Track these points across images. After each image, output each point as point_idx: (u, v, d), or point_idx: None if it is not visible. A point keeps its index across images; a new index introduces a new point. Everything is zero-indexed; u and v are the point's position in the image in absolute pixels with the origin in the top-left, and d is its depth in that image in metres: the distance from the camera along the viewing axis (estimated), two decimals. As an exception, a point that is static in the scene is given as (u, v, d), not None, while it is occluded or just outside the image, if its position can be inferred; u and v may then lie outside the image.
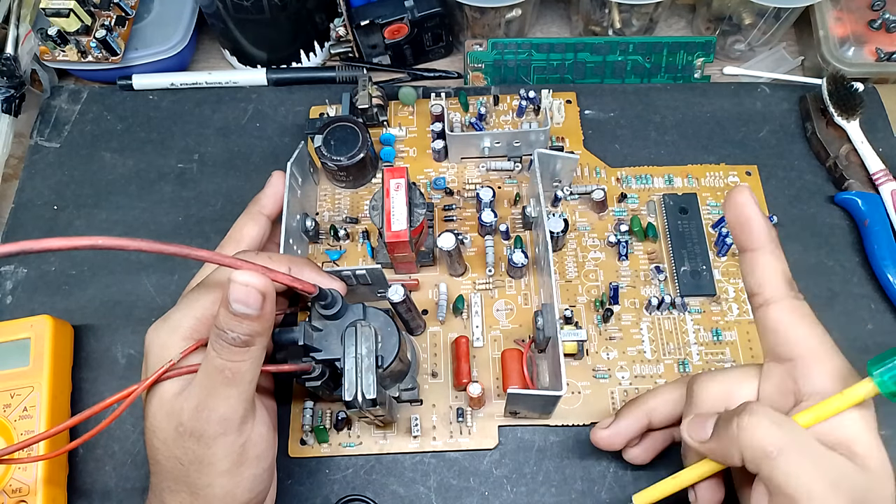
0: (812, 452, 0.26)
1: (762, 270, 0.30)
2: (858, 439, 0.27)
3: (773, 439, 0.26)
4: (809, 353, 0.29)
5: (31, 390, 0.39)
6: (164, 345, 0.30)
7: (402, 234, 0.38)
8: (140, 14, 0.53)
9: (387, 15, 0.49)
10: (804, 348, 0.29)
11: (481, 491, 0.39)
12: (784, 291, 0.30)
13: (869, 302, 0.44)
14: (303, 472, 0.40)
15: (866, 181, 0.46)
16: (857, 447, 0.27)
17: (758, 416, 0.27)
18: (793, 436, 0.26)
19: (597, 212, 0.46)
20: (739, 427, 0.27)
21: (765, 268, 0.30)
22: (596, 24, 0.53)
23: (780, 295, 0.30)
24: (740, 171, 0.47)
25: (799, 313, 0.29)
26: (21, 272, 0.46)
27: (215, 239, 0.40)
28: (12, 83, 0.50)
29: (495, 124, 0.49)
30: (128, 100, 0.52)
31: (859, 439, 0.27)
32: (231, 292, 0.27)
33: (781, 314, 0.29)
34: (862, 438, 0.27)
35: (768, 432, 0.26)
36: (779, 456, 0.26)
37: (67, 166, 0.50)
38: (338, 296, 0.32)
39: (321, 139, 0.44)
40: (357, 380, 0.32)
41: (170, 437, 0.29)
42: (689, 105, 0.50)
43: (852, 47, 0.50)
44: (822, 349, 0.29)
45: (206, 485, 0.29)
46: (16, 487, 0.37)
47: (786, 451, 0.26)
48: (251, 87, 0.52)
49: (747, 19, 0.50)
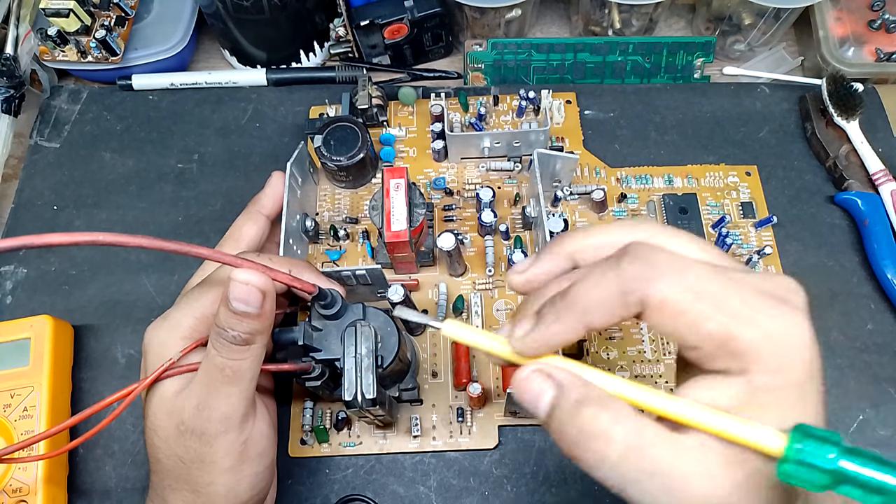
0: (659, 474, 0.20)
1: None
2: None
3: (613, 476, 0.21)
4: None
5: (31, 390, 0.39)
6: (164, 344, 0.30)
7: (401, 234, 0.38)
8: (140, 14, 0.53)
9: (387, 15, 0.49)
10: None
11: (481, 491, 0.39)
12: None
13: (869, 302, 0.44)
14: (303, 472, 0.40)
15: (866, 181, 0.46)
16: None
17: (596, 447, 0.21)
18: (646, 466, 0.21)
19: (597, 212, 0.46)
20: (573, 455, 0.21)
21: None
22: (596, 24, 0.53)
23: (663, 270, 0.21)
24: (740, 171, 0.47)
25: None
26: (21, 272, 0.46)
27: (215, 239, 0.40)
28: (12, 83, 0.50)
29: (495, 124, 0.49)
30: (127, 100, 0.52)
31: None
32: (231, 291, 0.27)
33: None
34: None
35: (609, 468, 0.21)
36: (623, 488, 0.21)
37: (67, 166, 0.50)
38: (338, 296, 0.32)
39: (321, 139, 0.44)
40: (357, 380, 0.32)
41: (171, 435, 0.29)
42: (689, 105, 0.50)
43: (852, 47, 0.50)
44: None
45: (208, 483, 0.29)
46: (16, 487, 0.37)
47: (631, 486, 0.21)
48: (251, 87, 0.52)
49: (747, 19, 0.51)
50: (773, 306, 0.20)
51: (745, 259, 0.44)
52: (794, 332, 0.20)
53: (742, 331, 0.20)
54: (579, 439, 0.21)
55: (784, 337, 0.20)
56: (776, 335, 0.20)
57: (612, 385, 0.22)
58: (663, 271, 0.21)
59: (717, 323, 0.20)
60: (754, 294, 0.21)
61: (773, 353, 0.20)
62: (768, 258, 0.44)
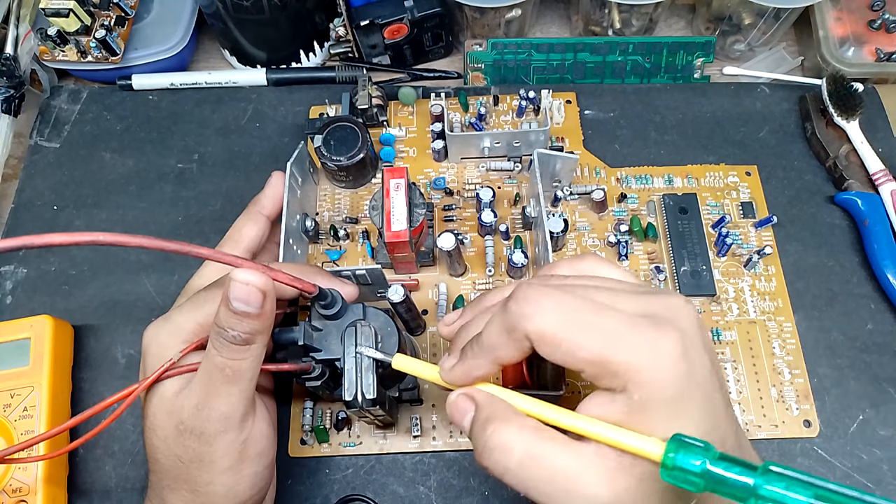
0: (563, 484, 0.23)
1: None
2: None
3: (511, 473, 0.24)
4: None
5: (31, 390, 0.39)
6: (164, 345, 0.30)
7: (402, 234, 0.38)
8: (140, 14, 0.53)
9: (387, 15, 0.49)
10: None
11: (481, 491, 0.39)
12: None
13: (869, 302, 0.44)
14: (303, 472, 0.40)
15: (866, 181, 0.46)
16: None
17: (497, 458, 0.24)
18: (540, 473, 0.23)
19: (597, 212, 0.46)
20: (483, 465, 0.25)
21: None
22: (596, 24, 0.53)
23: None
24: (740, 171, 0.47)
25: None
26: (21, 272, 0.46)
27: (215, 239, 0.40)
28: (12, 83, 0.50)
29: (495, 124, 0.49)
30: (127, 100, 0.52)
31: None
32: (231, 290, 0.27)
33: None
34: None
35: (510, 475, 0.24)
36: (526, 492, 0.24)
37: (67, 166, 0.50)
38: (338, 296, 0.32)
39: (321, 139, 0.44)
40: (357, 380, 0.32)
41: (170, 435, 0.29)
42: (689, 105, 0.50)
43: (852, 47, 0.50)
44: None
45: (207, 482, 0.29)
46: (16, 487, 0.37)
47: (530, 490, 0.24)
48: (251, 87, 0.52)
49: (747, 19, 0.51)
50: (646, 329, 0.23)
51: (745, 259, 0.44)
52: (662, 351, 0.23)
53: (614, 353, 0.23)
54: (484, 450, 0.24)
55: (652, 357, 0.23)
56: (645, 356, 0.23)
57: (521, 404, 0.26)
58: (539, 308, 0.24)
59: (588, 351, 0.23)
60: (627, 319, 0.23)
61: (644, 372, 0.22)
62: (768, 258, 0.44)
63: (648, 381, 0.22)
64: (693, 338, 0.24)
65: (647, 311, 0.24)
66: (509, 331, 0.24)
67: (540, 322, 0.23)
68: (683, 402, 0.23)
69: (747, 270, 0.44)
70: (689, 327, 0.24)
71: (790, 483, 0.20)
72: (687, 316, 0.24)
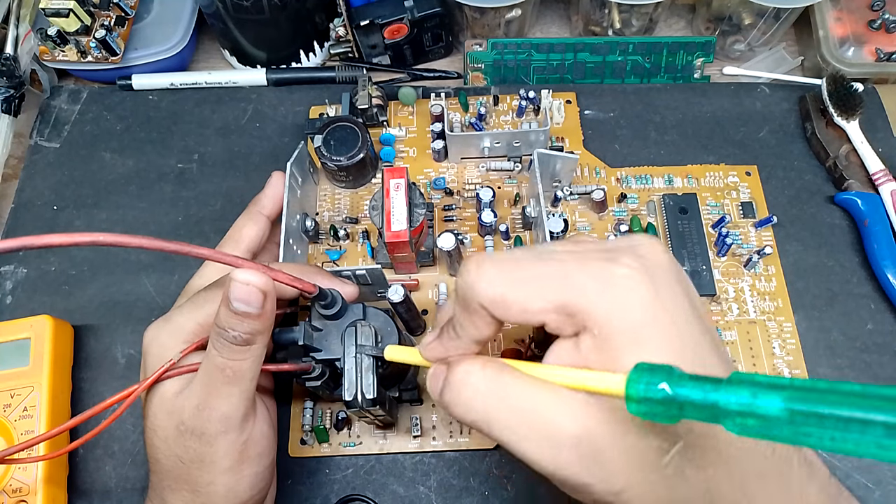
0: (526, 415, 0.22)
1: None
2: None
3: (476, 414, 0.23)
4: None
5: (31, 390, 0.39)
6: (164, 345, 0.30)
7: (402, 234, 0.38)
8: (140, 14, 0.53)
9: (387, 15, 0.49)
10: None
11: (481, 491, 0.39)
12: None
13: (869, 302, 0.44)
14: (303, 472, 0.40)
15: (866, 181, 0.46)
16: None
17: (457, 389, 0.24)
18: (502, 402, 0.23)
19: (597, 212, 0.46)
20: (445, 404, 0.24)
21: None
22: (596, 24, 0.53)
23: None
24: (740, 171, 0.47)
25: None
26: (21, 272, 0.46)
27: (215, 239, 0.40)
28: (12, 83, 0.50)
29: (495, 124, 0.49)
30: (127, 100, 0.52)
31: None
32: (232, 291, 0.27)
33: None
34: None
35: (471, 406, 0.23)
36: (490, 426, 0.23)
37: (67, 166, 0.50)
38: (338, 296, 0.32)
39: (321, 139, 0.44)
40: (357, 380, 0.32)
41: (171, 435, 0.29)
42: (689, 105, 0.50)
43: (852, 47, 0.50)
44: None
45: (208, 483, 0.29)
46: (16, 487, 0.37)
47: (494, 422, 0.23)
48: (251, 87, 0.52)
49: (747, 19, 0.50)
50: (597, 263, 0.22)
51: (745, 259, 0.44)
52: (616, 281, 0.22)
53: (565, 295, 0.22)
54: (449, 388, 0.24)
55: (605, 288, 0.22)
56: (597, 288, 0.22)
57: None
58: (481, 274, 0.23)
59: (540, 300, 0.22)
60: (575, 259, 0.23)
61: (599, 304, 0.21)
62: (768, 258, 0.44)
63: (605, 314, 0.21)
64: (658, 268, 0.22)
65: (605, 250, 0.23)
66: (465, 306, 0.24)
67: (485, 287, 0.23)
68: (650, 330, 0.21)
69: (747, 270, 0.44)
70: (652, 257, 0.23)
71: (757, 390, 0.17)
72: (650, 248, 0.23)
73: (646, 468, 0.21)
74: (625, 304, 0.21)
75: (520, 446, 0.22)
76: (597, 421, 0.22)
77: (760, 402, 0.17)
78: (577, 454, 0.22)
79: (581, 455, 0.22)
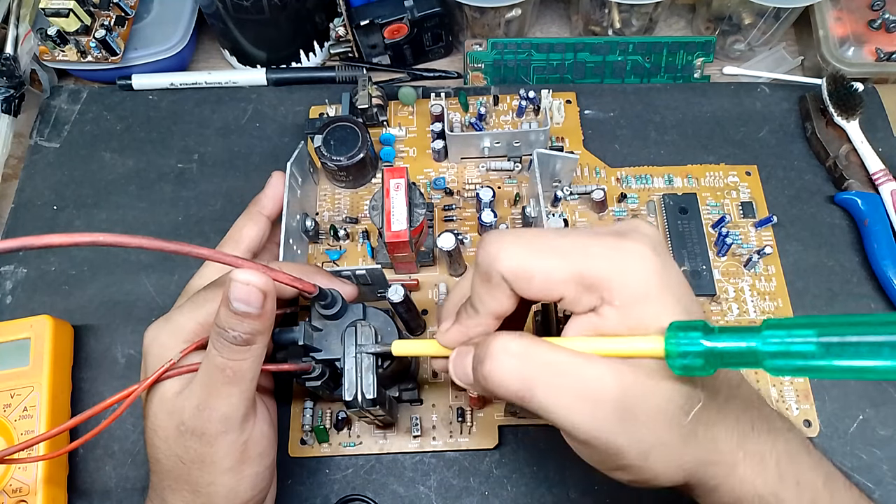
0: (567, 379, 0.23)
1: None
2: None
3: (519, 382, 0.23)
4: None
5: (31, 390, 0.39)
6: (165, 345, 0.30)
7: (402, 234, 0.38)
8: (140, 14, 0.53)
9: (387, 15, 0.49)
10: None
11: (481, 491, 0.39)
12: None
13: (869, 302, 0.44)
14: (303, 471, 0.40)
15: (866, 181, 0.46)
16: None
17: (498, 359, 0.24)
18: (542, 368, 0.23)
19: (597, 212, 0.46)
20: (485, 377, 0.24)
21: None
22: (596, 24, 0.53)
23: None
24: (740, 171, 0.47)
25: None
26: (21, 272, 0.46)
27: (215, 239, 0.40)
28: (12, 83, 0.50)
29: (495, 124, 0.49)
30: (127, 100, 0.52)
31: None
32: (232, 291, 0.27)
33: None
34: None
35: (513, 374, 0.23)
36: (532, 392, 0.23)
37: (67, 166, 0.50)
38: (338, 296, 0.32)
39: (321, 139, 0.44)
40: (357, 380, 0.32)
41: (171, 436, 0.29)
42: (689, 105, 0.50)
43: (852, 47, 0.50)
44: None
45: (208, 483, 0.29)
46: (16, 487, 0.37)
47: (537, 387, 0.23)
48: (251, 87, 0.52)
49: (747, 19, 0.50)
50: (610, 238, 0.24)
51: (745, 259, 0.44)
52: (631, 252, 0.23)
53: (586, 266, 0.23)
54: (484, 360, 0.24)
55: (623, 259, 0.23)
56: (616, 260, 0.23)
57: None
58: (503, 245, 0.24)
59: (560, 271, 0.23)
60: (590, 234, 0.24)
61: (620, 275, 0.23)
62: (768, 258, 0.44)
63: (626, 283, 0.23)
64: (658, 244, 0.24)
65: (612, 230, 0.25)
66: (485, 279, 0.25)
67: (508, 258, 0.24)
68: (666, 293, 0.23)
69: (747, 270, 0.44)
70: (652, 234, 0.24)
71: (790, 331, 0.20)
72: (648, 228, 0.25)
73: (672, 428, 0.23)
74: (640, 272, 0.23)
75: (562, 411, 0.23)
76: (631, 382, 0.23)
77: (795, 341, 0.20)
78: (617, 415, 0.23)
79: (620, 416, 0.23)
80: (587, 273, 0.23)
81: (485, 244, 0.25)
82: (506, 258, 0.24)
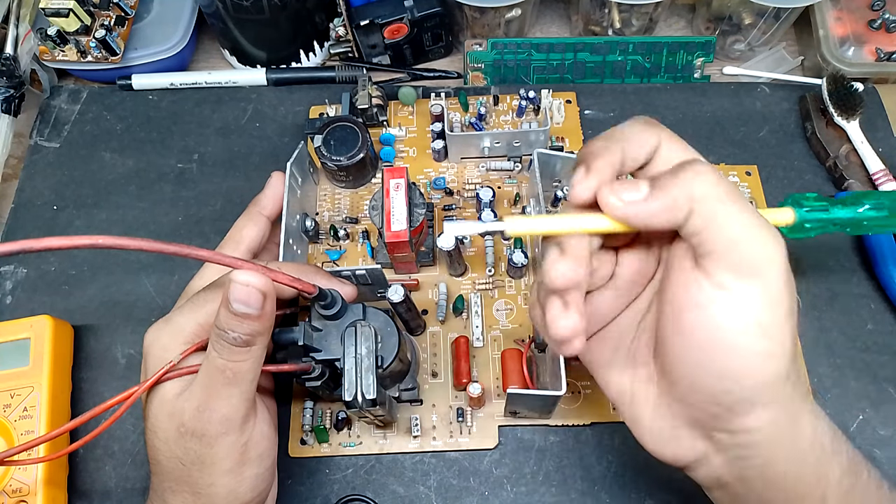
0: (750, 209, 0.24)
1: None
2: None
3: (720, 187, 0.24)
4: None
5: (31, 390, 0.39)
6: (165, 346, 0.30)
7: (402, 234, 0.38)
8: (140, 14, 0.53)
9: (386, 15, 0.49)
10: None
11: (481, 491, 0.39)
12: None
13: (869, 302, 0.44)
14: (303, 472, 0.40)
15: (866, 181, 0.46)
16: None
17: (706, 165, 0.25)
18: (728, 191, 0.24)
19: (597, 212, 0.46)
20: (696, 173, 0.24)
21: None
22: (596, 24, 0.53)
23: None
24: (740, 171, 0.47)
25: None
26: (21, 272, 0.46)
27: (215, 239, 0.40)
28: (12, 83, 0.50)
29: (495, 124, 0.49)
30: (127, 100, 0.52)
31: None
32: (231, 292, 0.27)
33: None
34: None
35: (715, 179, 0.24)
36: (728, 202, 0.24)
37: (67, 166, 0.50)
38: (338, 296, 0.32)
39: (321, 139, 0.44)
40: (357, 380, 0.32)
41: (171, 437, 0.29)
42: (689, 105, 0.50)
43: (852, 47, 0.50)
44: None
45: (209, 484, 0.29)
46: (16, 488, 0.37)
47: (730, 200, 0.24)
48: (251, 87, 0.52)
49: (747, 19, 0.50)
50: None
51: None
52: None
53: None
54: (688, 174, 0.24)
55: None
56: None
57: None
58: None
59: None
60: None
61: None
62: (768, 258, 0.44)
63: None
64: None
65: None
66: (635, 120, 0.26)
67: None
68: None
69: (747, 270, 0.44)
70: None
71: (861, 199, 0.29)
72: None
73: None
74: (785, 276, 0.25)
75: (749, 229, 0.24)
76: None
77: (870, 206, 0.29)
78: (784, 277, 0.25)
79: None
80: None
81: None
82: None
